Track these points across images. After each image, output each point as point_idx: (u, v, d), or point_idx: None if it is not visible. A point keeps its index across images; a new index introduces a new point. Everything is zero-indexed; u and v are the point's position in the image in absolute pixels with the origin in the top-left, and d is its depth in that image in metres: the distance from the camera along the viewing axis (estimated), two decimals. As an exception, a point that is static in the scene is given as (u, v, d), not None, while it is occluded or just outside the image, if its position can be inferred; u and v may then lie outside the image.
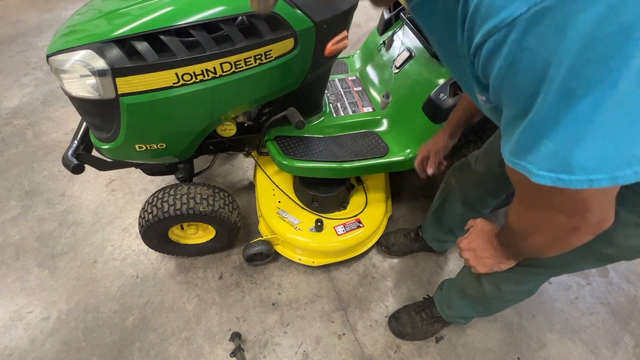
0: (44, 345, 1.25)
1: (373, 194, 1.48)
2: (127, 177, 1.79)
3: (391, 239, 1.51)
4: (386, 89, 1.46)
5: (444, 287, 1.21)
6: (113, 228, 1.58)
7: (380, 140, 1.34)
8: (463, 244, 0.80)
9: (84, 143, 1.14)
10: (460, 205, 1.19)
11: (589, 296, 1.42)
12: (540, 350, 1.27)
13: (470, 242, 0.79)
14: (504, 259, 0.74)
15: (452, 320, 1.21)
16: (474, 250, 0.78)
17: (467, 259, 0.79)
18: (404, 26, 1.47)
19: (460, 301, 1.09)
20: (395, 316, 1.29)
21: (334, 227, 1.35)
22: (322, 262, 1.41)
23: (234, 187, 1.76)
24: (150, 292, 1.38)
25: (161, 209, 1.16)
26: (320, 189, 1.35)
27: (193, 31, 0.88)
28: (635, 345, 1.29)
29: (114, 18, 0.88)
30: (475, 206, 1.16)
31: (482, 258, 0.76)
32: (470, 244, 0.79)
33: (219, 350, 1.24)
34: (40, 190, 1.74)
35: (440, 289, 1.23)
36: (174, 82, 0.91)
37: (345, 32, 1.12)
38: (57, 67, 0.87)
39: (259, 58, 0.97)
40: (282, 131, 1.33)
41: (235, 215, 1.29)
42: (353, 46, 2.68)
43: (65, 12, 3.11)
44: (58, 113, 2.16)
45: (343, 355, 1.23)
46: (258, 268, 1.45)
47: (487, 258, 0.76)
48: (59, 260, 1.48)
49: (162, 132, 1.05)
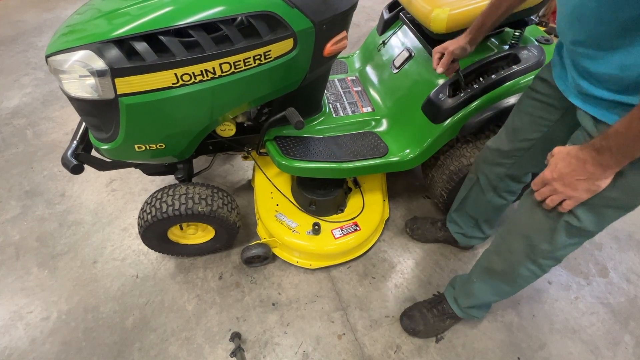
0: (44, 345, 1.25)
1: (370, 197, 1.49)
2: (127, 177, 1.79)
3: (417, 223, 1.54)
4: (385, 89, 1.47)
5: (456, 284, 1.22)
6: (113, 228, 1.58)
7: (380, 140, 1.34)
8: (547, 174, 0.73)
9: (83, 143, 1.14)
10: (483, 193, 1.20)
11: (589, 296, 1.42)
12: (540, 350, 1.26)
13: (554, 169, 0.71)
14: (600, 172, 0.66)
15: (466, 315, 1.22)
16: (561, 177, 0.70)
17: (556, 189, 0.72)
18: (404, 26, 1.47)
19: (483, 285, 1.10)
20: (407, 314, 1.29)
21: (331, 230, 1.36)
22: (319, 264, 1.41)
23: (234, 187, 1.76)
24: (150, 292, 1.38)
25: (160, 210, 1.16)
26: (318, 192, 1.36)
27: (192, 31, 0.88)
28: (635, 345, 1.29)
29: (113, 18, 0.88)
30: (499, 191, 1.17)
31: (574, 182, 0.69)
32: (554, 172, 0.71)
33: (219, 350, 1.24)
34: (40, 190, 1.74)
35: (452, 286, 1.25)
36: (173, 82, 0.91)
37: (344, 32, 1.12)
38: (56, 67, 0.87)
39: (258, 58, 0.97)
40: (282, 131, 1.33)
41: (234, 215, 1.29)
42: (353, 46, 2.68)
43: (65, 12, 3.11)
44: (58, 113, 2.16)
45: (343, 355, 1.23)
46: (258, 268, 1.45)
47: (580, 180, 0.68)
48: (59, 260, 1.48)
49: (161, 133, 1.05)
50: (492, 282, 1.07)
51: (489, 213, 1.28)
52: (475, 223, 1.34)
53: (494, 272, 1.04)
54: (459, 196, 1.32)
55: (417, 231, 1.53)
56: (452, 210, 1.40)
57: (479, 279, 1.11)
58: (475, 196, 1.24)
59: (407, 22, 1.40)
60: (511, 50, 1.19)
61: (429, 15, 1.14)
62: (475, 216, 1.31)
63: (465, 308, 1.20)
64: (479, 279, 1.11)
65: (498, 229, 1.07)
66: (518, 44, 1.23)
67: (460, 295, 1.20)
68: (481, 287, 1.11)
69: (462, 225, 1.38)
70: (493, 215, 1.31)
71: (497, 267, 1.02)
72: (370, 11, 3.18)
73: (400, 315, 1.31)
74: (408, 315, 1.28)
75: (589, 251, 1.56)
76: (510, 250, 0.96)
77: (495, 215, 1.30)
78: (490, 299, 1.14)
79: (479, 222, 1.33)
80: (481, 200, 1.23)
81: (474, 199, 1.25)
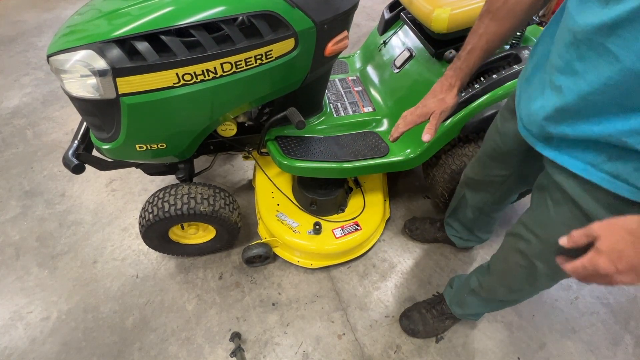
0: (44, 345, 1.24)
1: (371, 197, 1.49)
2: (127, 177, 1.79)
3: (416, 223, 1.54)
4: (386, 89, 1.47)
5: (454, 285, 1.22)
6: (113, 228, 1.58)
7: (381, 140, 1.34)
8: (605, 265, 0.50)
9: (84, 143, 1.14)
10: (470, 211, 1.21)
11: (589, 296, 1.42)
12: (540, 350, 1.27)
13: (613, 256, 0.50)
14: None
15: (463, 317, 1.22)
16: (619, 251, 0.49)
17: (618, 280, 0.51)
18: (404, 26, 1.47)
19: (474, 300, 1.10)
20: (406, 314, 1.29)
21: (332, 230, 1.36)
22: (320, 264, 1.41)
23: (234, 187, 1.76)
24: (150, 292, 1.38)
25: (162, 209, 1.16)
26: (319, 192, 1.36)
27: (194, 31, 0.88)
28: (635, 345, 1.29)
29: (114, 18, 0.88)
30: (486, 212, 1.18)
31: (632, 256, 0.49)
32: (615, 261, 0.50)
33: (219, 350, 1.24)
34: (40, 190, 1.74)
35: (450, 286, 1.24)
36: (175, 82, 0.91)
37: (345, 32, 1.12)
38: (58, 67, 0.87)
39: (259, 58, 0.97)
40: (283, 131, 1.33)
41: (235, 215, 1.29)
42: (353, 46, 2.68)
43: (65, 12, 3.11)
44: (58, 113, 2.16)
45: (343, 355, 1.23)
46: (258, 268, 1.45)
47: None
48: (59, 260, 1.47)
49: (162, 132, 1.05)
50: (485, 302, 1.08)
51: (480, 224, 1.28)
52: (469, 230, 1.34)
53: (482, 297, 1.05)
54: (451, 205, 1.33)
55: (416, 231, 1.53)
56: (447, 216, 1.40)
57: (470, 296, 1.10)
58: (465, 209, 1.24)
59: (408, 22, 1.40)
60: (512, 50, 1.20)
61: (430, 15, 1.14)
62: (468, 225, 1.31)
63: (459, 314, 1.21)
64: (469, 295, 1.10)
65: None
66: (519, 43, 1.23)
67: (454, 303, 1.20)
68: (473, 302, 1.11)
69: (457, 229, 1.38)
70: (485, 226, 1.30)
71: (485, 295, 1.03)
72: (371, 11, 3.19)
73: (399, 315, 1.31)
74: (407, 316, 1.28)
75: (589, 251, 1.56)
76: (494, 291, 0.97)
77: (488, 225, 1.30)
78: (482, 311, 1.15)
79: (473, 230, 1.33)
80: (469, 216, 1.24)
81: (464, 212, 1.26)
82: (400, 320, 1.29)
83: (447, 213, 1.39)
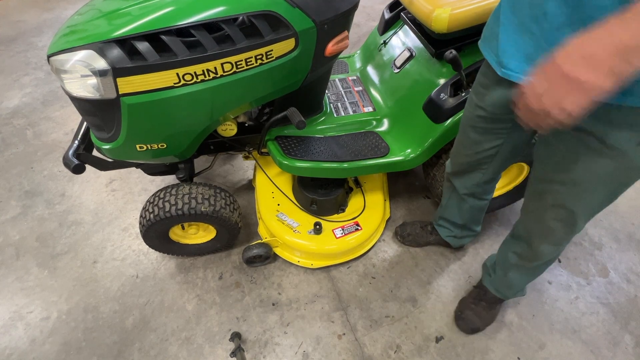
0: (44, 345, 1.24)
1: (371, 197, 1.49)
2: (127, 177, 1.79)
3: (407, 229, 1.52)
4: (386, 89, 1.47)
5: (496, 270, 1.22)
6: (113, 228, 1.58)
7: (381, 140, 1.34)
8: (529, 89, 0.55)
9: (84, 143, 1.14)
10: (462, 201, 1.21)
11: (589, 296, 1.42)
12: (540, 350, 1.27)
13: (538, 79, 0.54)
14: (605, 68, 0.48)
15: (513, 297, 1.25)
16: (549, 82, 0.52)
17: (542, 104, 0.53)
18: (405, 26, 1.48)
19: (517, 276, 1.12)
20: (459, 316, 1.30)
21: (333, 230, 1.36)
22: (320, 264, 1.41)
23: (234, 187, 1.76)
24: (150, 292, 1.38)
25: (163, 209, 1.16)
26: (319, 192, 1.36)
27: (194, 31, 0.88)
28: (635, 345, 1.29)
29: (114, 18, 0.88)
30: (478, 195, 1.18)
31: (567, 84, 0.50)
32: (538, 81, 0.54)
33: (219, 350, 1.24)
34: (40, 190, 1.74)
35: (488, 274, 1.26)
36: (175, 82, 0.91)
37: (345, 32, 1.12)
38: (58, 67, 0.87)
39: (259, 58, 0.97)
40: (283, 131, 1.33)
41: (236, 215, 1.29)
42: (353, 46, 2.68)
43: (66, 12, 3.11)
44: (58, 113, 2.16)
45: (343, 355, 1.23)
46: (258, 268, 1.45)
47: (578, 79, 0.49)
48: (59, 260, 1.47)
49: (163, 132, 1.05)
50: (526, 273, 1.11)
51: (473, 215, 1.29)
52: (462, 226, 1.34)
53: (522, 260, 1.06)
54: (441, 204, 1.34)
55: (408, 237, 1.51)
56: (438, 217, 1.41)
57: (513, 273, 1.12)
58: (456, 204, 1.25)
59: (408, 22, 1.40)
60: None
61: (430, 15, 1.14)
62: (461, 222, 1.32)
63: (508, 295, 1.23)
64: (512, 273, 1.13)
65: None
66: None
67: (502, 287, 1.21)
68: (517, 277, 1.13)
69: (450, 228, 1.39)
70: (478, 216, 1.32)
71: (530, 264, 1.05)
72: (371, 11, 3.19)
73: (453, 319, 1.32)
74: (461, 318, 1.29)
75: (589, 251, 1.56)
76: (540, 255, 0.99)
77: (480, 214, 1.31)
78: (529, 280, 1.17)
79: (466, 224, 1.34)
80: (463, 207, 1.24)
81: (456, 206, 1.26)
82: (457, 323, 1.30)
83: (437, 213, 1.39)
